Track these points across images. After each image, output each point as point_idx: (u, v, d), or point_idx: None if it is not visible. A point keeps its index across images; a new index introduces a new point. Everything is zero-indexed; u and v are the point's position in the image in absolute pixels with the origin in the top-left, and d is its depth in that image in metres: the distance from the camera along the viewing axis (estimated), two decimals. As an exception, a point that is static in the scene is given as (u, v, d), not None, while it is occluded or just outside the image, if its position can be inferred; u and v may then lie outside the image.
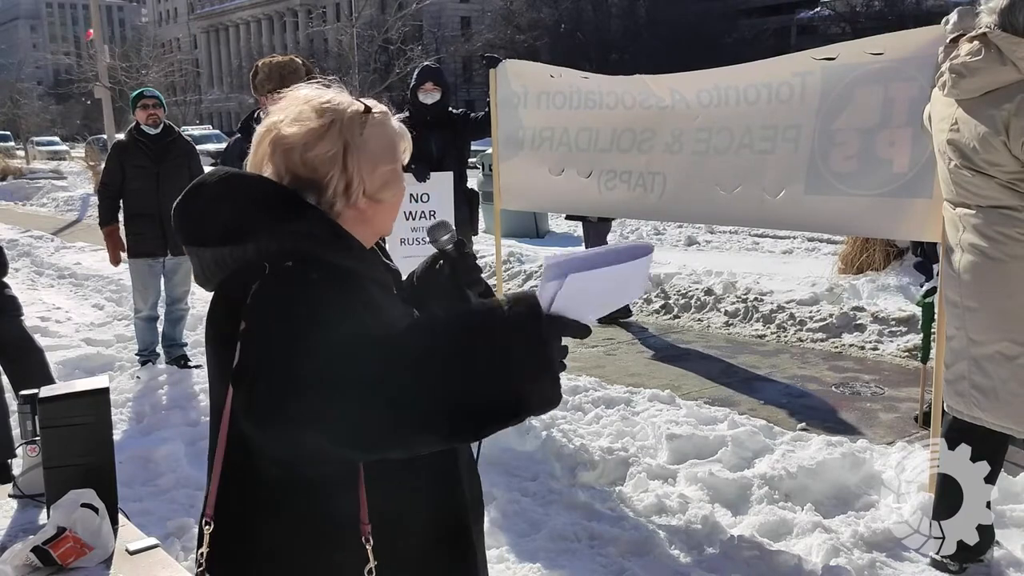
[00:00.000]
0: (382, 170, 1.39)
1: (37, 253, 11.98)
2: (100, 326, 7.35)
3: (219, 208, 1.32)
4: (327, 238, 1.32)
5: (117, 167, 5.80)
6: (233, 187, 1.34)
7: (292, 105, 1.37)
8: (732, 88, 4.10)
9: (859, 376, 5.69)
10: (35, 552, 2.03)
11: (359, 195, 1.37)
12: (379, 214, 1.42)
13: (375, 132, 1.38)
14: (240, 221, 1.30)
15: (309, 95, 1.38)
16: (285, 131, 1.35)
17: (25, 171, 26.34)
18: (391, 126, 1.43)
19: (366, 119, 1.38)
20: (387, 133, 1.41)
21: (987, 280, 2.89)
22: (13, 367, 4.23)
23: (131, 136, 5.87)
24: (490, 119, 5.16)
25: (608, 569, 3.26)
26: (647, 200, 4.50)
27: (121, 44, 56.26)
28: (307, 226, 1.31)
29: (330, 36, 50.75)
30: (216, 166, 1.58)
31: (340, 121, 1.35)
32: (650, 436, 4.39)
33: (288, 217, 1.30)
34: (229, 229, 1.30)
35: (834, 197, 3.76)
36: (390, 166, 1.40)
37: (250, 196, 1.32)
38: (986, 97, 2.79)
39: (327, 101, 1.37)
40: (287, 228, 1.30)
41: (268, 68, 3.94)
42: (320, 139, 1.33)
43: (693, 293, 7.69)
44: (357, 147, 1.35)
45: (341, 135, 1.34)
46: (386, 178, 1.40)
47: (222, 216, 1.31)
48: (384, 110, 1.44)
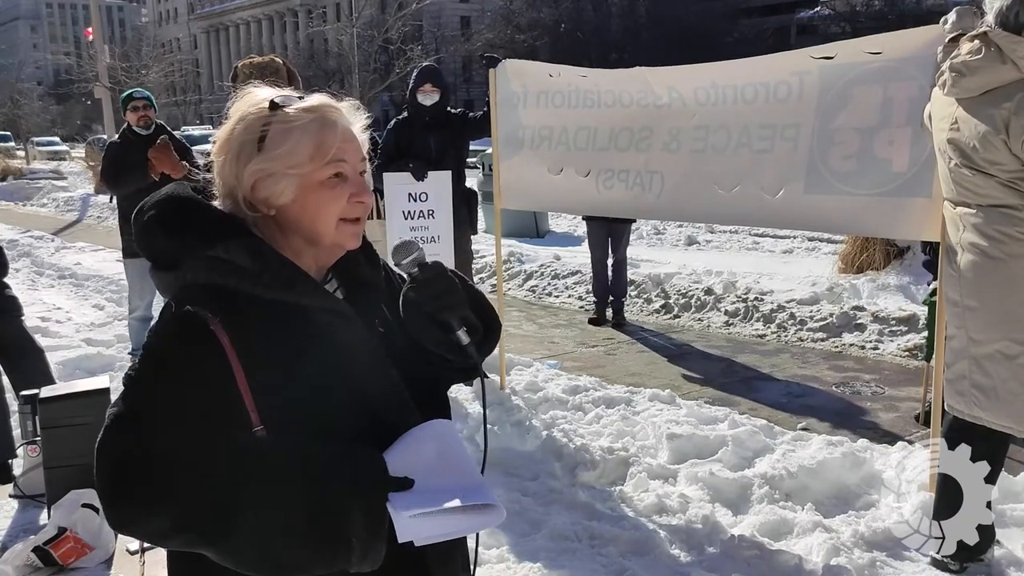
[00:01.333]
0: (253, 168, 1.28)
1: (37, 253, 11.97)
2: (100, 326, 7.36)
3: (152, 232, 1.28)
4: (250, 266, 1.25)
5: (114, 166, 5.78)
6: (167, 210, 1.28)
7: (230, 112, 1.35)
8: (729, 86, 4.10)
9: (859, 375, 5.69)
10: (36, 552, 2.04)
11: (241, 198, 1.29)
12: (298, 219, 1.30)
13: (275, 131, 1.29)
14: (167, 248, 1.27)
15: (239, 101, 1.35)
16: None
17: (25, 171, 26.31)
18: (304, 123, 1.29)
19: (270, 118, 1.29)
20: (287, 132, 1.29)
21: (987, 279, 2.89)
22: (14, 368, 4.23)
23: (124, 137, 5.88)
24: (489, 119, 5.16)
25: (608, 569, 3.26)
26: (645, 199, 4.50)
27: (121, 44, 56.16)
28: (225, 252, 1.25)
29: (330, 36, 50.69)
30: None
31: (239, 124, 1.31)
32: (650, 436, 4.39)
33: (205, 243, 1.25)
34: (160, 256, 1.28)
35: (833, 196, 3.75)
36: (270, 165, 1.28)
37: (180, 221, 1.27)
38: (986, 96, 2.79)
39: (239, 105, 1.33)
40: (205, 255, 1.25)
41: (248, 69, 3.82)
42: (220, 147, 1.31)
43: (693, 293, 7.69)
44: (246, 150, 1.29)
45: (231, 139, 1.31)
46: (256, 175, 1.28)
47: (156, 241, 1.28)
48: (310, 105, 1.32)
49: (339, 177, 1.31)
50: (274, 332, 1.24)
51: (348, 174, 1.32)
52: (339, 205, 1.31)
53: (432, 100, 5.43)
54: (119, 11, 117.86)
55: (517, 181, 5.08)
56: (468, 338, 1.39)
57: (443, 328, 1.38)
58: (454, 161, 5.50)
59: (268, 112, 1.29)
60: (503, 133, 5.06)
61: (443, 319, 1.37)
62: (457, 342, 1.38)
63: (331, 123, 1.30)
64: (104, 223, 15.97)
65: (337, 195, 1.31)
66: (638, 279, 8.07)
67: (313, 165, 1.29)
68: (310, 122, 1.29)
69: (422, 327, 1.38)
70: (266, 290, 1.25)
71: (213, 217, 1.28)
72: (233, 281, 1.24)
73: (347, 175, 1.32)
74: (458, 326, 1.38)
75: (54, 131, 52.87)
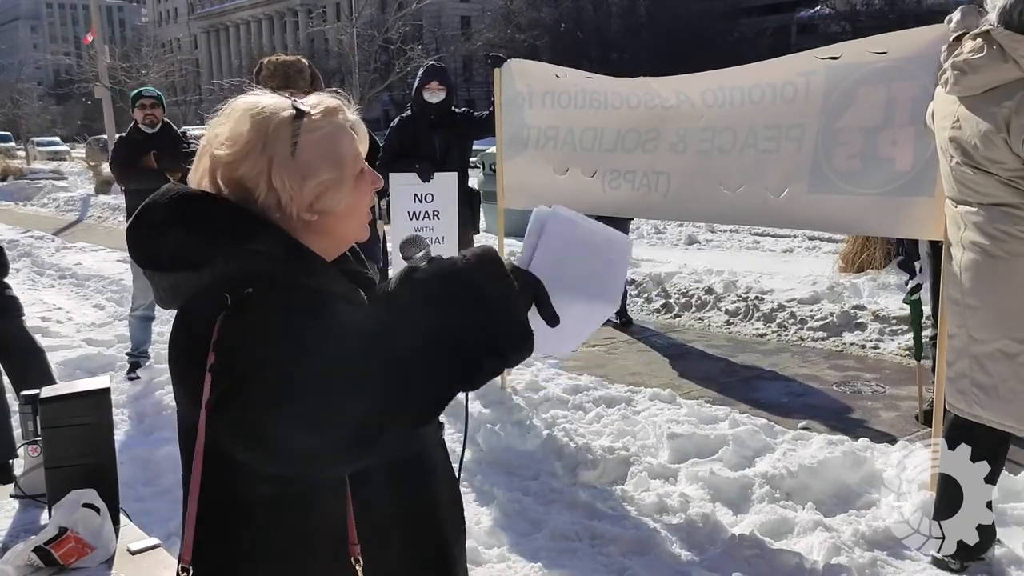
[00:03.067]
0: (313, 183, 1.26)
1: (38, 253, 11.98)
2: (101, 326, 7.35)
3: (169, 232, 1.23)
4: (284, 256, 1.24)
5: (126, 160, 5.82)
6: (184, 209, 1.25)
7: (229, 118, 1.29)
8: (737, 88, 4.10)
9: (860, 375, 5.69)
10: (37, 552, 2.03)
11: (295, 210, 1.27)
12: (338, 224, 1.32)
13: (309, 140, 1.27)
14: (191, 246, 1.23)
15: (245, 105, 1.29)
16: (216, 150, 1.28)
17: (26, 171, 26.33)
18: (332, 128, 1.29)
19: (298, 126, 1.26)
20: (323, 139, 1.28)
21: (988, 278, 2.89)
22: (14, 368, 4.23)
23: (131, 135, 5.91)
24: (493, 118, 5.16)
25: (609, 568, 3.26)
26: (651, 199, 4.50)
27: (121, 44, 56.19)
28: (263, 245, 1.23)
29: (330, 36, 50.70)
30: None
31: (265, 135, 1.26)
32: (651, 435, 4.39)
33: (242, 237, 1.23)
34: (180, 255, 1.24)
35: (837, 196, 3.75)
36: (327, 176, 1.27)
37: (202, 218, 1.24)
38: (988, 94, 2.79)
39: (259, 112, 1.27)
40: (242, 249, 1.22)
41: (273, 66, 3.84)
42: (245, 157, 1.26)
43: (694, 292, 7.69)
44: (283, 161, 1.25)
45: (265, 151, 1.25)
46: (320, 190, 1.27)
47: (173, 241, 1.23)
48: (327, 107, 1.31)
49: (363, 172, 1.33)
50: (308, 313, 1.23)
51: (364, 167, 1.34)
52: (368, 199, 1.35)
53: (438, 98, 5.43)
54: (119, 11, 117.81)
55: (521, 181, 5.08)
56: None
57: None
58: (458, 161, 5.50)
59: (295, 119, 1.27)
60: (507, 133, 5.06)
61: None
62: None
63: (346, 122, 1.31)
64: (104, 223, 15.98)
65: (366, 190, 1.34)
66: (639, 278, 8.08)
67: (354, 165, 1.31)
68: (340, 125, 1.30)
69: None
70: (294, 276, 1.24)
71: (239, 213, 1.25)
72: (267, 268, 1.22)
73: (365, 168, 1.34)
74: None
75: (54, 131, 52.86)
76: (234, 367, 1.13)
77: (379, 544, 1.31)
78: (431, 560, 1.40)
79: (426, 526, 1.39)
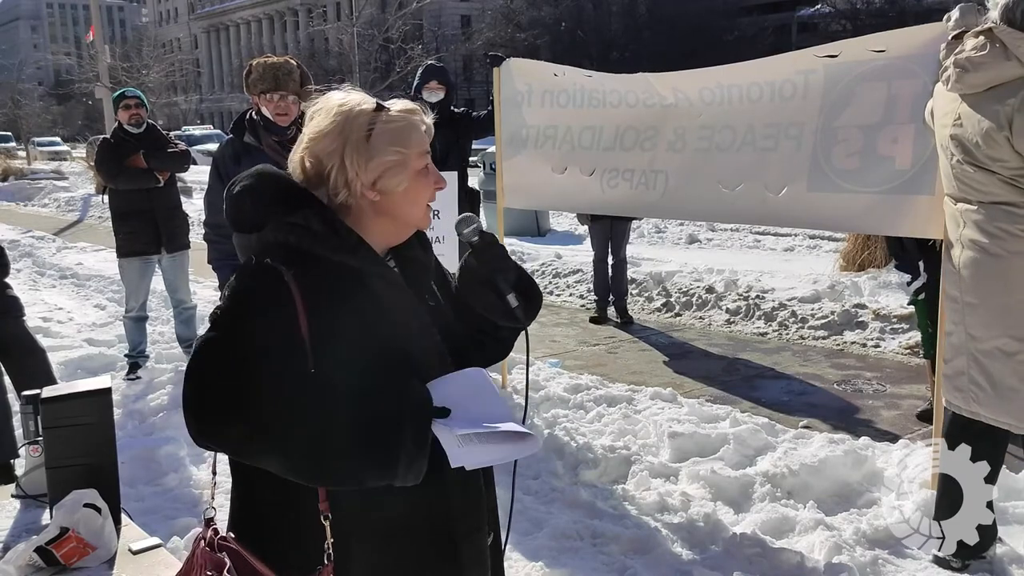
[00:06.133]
0: (376, 162, 1.46)
1: (39, 254, 11.99)
2: (102, 326, 7.34)
3: (243, 200, 1.49)
4: (322, 232, 1.44)
5: (114, 160, 5.81)
6: (255, 182, 1.50)
7: (323, 107, 1.51)
8: (735, 86, 4.10)
9: (861, 373, 5.69)
10: (38, 552, 2.04)
11: (359, 186, 1.47)
12: (398, 204, 1.51)
13: (382, 129, 1.48)
14: (254, 212, 1.47)
15: (337, 98, 1.51)
16: (306, 130, 1.51)
17: (26, 172, 26.29)
18: (405, 123, 1.50)
19: (376, 117, 1.48)
20: (394, 130, 1.48)
21: (987, 276, 2.89)
22: (15, 368, 4.23)
23: (117, 136, 5.90)
24: (492, 118, 5.15)
25: (610, 567, 3.26)
26: (649, 198, 4.50)
27: (122, 44, 56.17)
28: (303, 219, 1.44)
29: (330, 35, 50.72)
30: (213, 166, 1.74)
31: (346, 119, 1.47)
32: (652, 434, 4.39)
33: (287, 210, 1.45)
34: (248, 219, 1.49)
35: (836, 194, 3.75)
36: (390, 157, 1.47)
37: (264, 190, 1.48)
38: (990, 92, 2.79)
39: (345, 103, 1.49)
40: (286, 220, 1.44)
41: (262, 68, 3.84)
42: (326, 135, 1.47)
43: (695, 291, 7.69)
44: (356, 143, 1.46)
45: (343, 132, 1.46)
46: (383, 168, 1.47)
47: (244, 207, 1.49)
48: (407, 107, 1.53)
49: (427, 168, 1.53)
50: (336, 290, 1.44)
51: (430, 165, 1.54)
52: (430, 191, 1.55)
53: (437, 97, 5.44)
54: (119, 11, 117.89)
55: (520, 180, 5.08)
56: (517, 301, 1.59)
57: (495, 292, 1.59)
58: (458, 160, 5.50)
59: (374, 112, 1.48)
60: (506, 132, 5.06)
61: (496, 283, 1.58)
62: (507, 304, 1.59)
63: (420, 122, 1.52)
64: (105, 223, 15.96)
65: (428, 183, 1.54)
66: (639, 277, 8.07)
67: (419, 159, 1.51)
68: (413, 123, 1.51)
69: (476, 292, 1.61)
70: (333, 252, 1.44)
71: (293, 189, 1.50)
72: (306, 243, 1.43)
73: (430, 166, 1.54)
74: (508, 290, 1.58)
75: (55, 131, 52.81)
76: (211, 324, 1.41)
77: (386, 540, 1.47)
78: (438, 558, 1.52)
79: (434, 525, 1.51)
